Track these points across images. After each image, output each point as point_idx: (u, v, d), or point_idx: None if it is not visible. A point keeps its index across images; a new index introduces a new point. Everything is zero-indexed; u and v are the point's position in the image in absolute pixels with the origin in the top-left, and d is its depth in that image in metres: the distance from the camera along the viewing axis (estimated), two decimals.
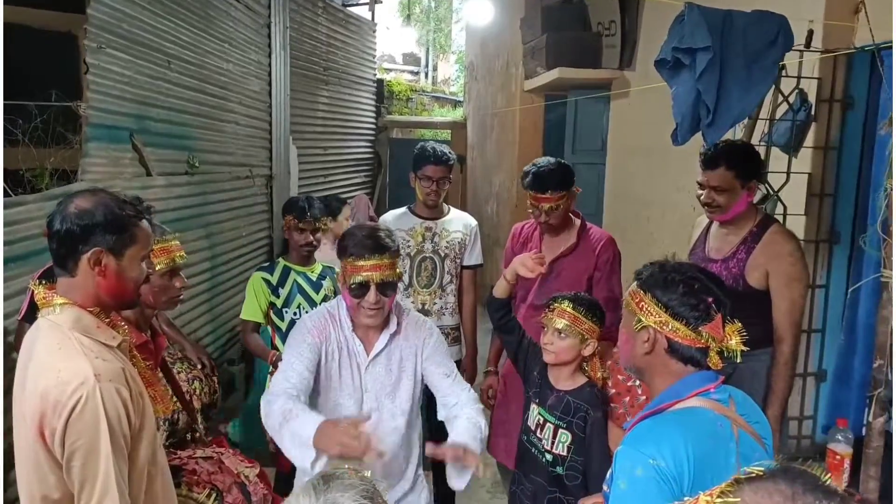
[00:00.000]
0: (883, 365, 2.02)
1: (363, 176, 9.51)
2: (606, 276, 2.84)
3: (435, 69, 18.53)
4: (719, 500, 0.48)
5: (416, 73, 17.62)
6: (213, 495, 2.11)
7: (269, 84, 6.38)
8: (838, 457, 2.23)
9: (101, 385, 1.48)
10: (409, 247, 3.21)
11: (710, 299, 1.52)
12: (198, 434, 2.42)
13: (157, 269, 2.13)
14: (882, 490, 2.06)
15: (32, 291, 1.71)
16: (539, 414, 2.37)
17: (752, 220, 2.49)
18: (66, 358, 1.50)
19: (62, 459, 1.48)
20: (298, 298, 3.19)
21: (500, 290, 2.51)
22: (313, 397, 2.16)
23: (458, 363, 3.33)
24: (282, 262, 3.27)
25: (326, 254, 3.92)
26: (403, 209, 3.37)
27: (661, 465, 1.36)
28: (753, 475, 0.50)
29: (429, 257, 3.20)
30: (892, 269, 1.95)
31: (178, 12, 4.50)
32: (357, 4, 9.82)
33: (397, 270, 2.14)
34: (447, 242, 3.22)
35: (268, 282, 3.17)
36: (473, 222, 3.36)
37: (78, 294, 1.60)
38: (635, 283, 1.62)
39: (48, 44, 4.76)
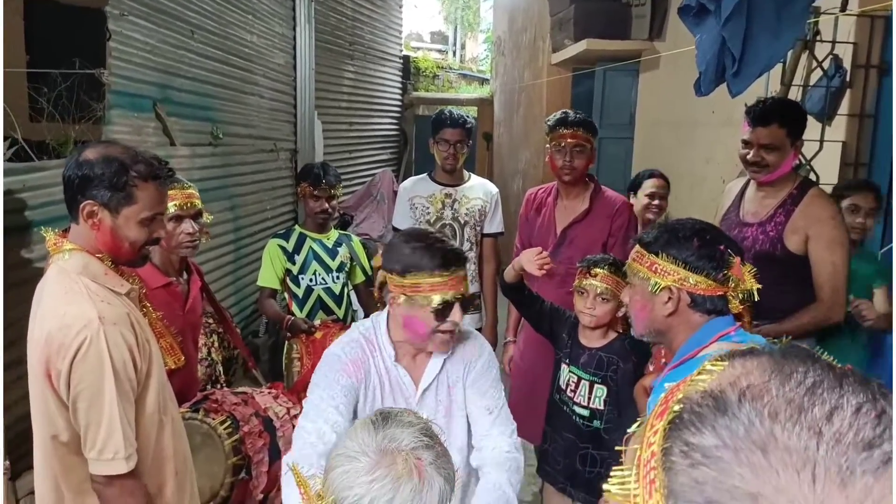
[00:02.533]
0: None
1: (389, 153, 9.49)
2: (621, 241, 2.78)
3: (463, 47, 18.37)
4: (711, 366, 0.45)
5: (444, 52, 17.49)
6: (228, 422, 2.11)
7: (294, 57, 6.36)
8: None
9: (105, 328, 1.48)
10: (428, 213, 3.17)
11: (723, 246, 1.54)
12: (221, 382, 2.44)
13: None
14: None
15: None
16: (571, 373, 2.42)
17: (792, 182, 2.39)
18: (71, 302, 1.50)
19: (68, 401, 1.49)
20: (314, 265, 3.17)
21: (509, 276, 2.47)
22: None
23: (479, 331, 3.30)
24: (297, 229, 3.26)
25: None
26: (423, 175, 3.32)
27: None
28: (747, 350, 0.47)
29: (448, 224, 3.16)
30: None
31: None
32: None
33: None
34: (467, 209, 3.17)
35: (284, 248, 3.16)
36: (494, 189, 3.30)
37: (82, 241, 1.60)
38: (638, 248, 1.62)
39: (73, 15, 4.78)
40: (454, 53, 17.96)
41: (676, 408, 0.44)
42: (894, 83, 3.12)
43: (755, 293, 1.56)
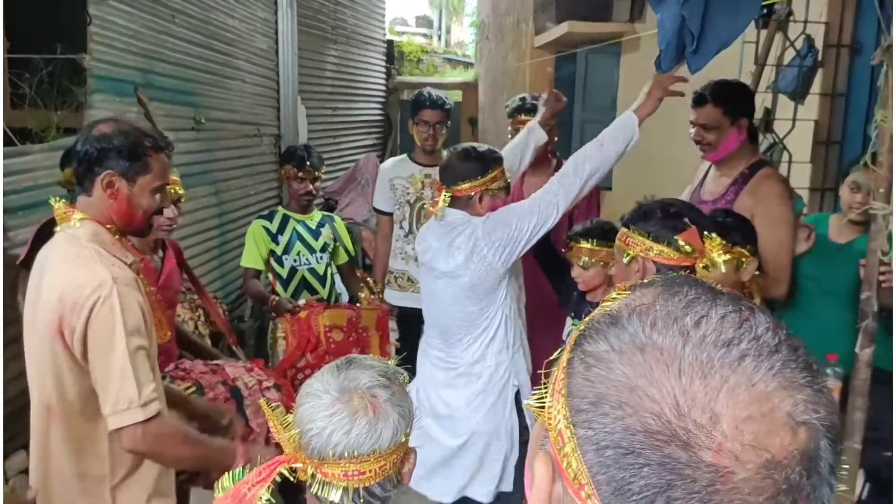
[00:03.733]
0: (870, 297, 2.02)
1: (373, 137, 9.50)
2: (585, 209, 2.88)
3: (448, 32, 18.33)
4: (616, 294, 0.51)
5: (429, 36, 17.46)
6: (194, 388, 2.18)
7: (277, 42, 6.36)
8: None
9: (118, 287, 1.56)
10: (408, 194, 3.22)
11: (685, 218, 1.64)
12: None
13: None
14: (868, 422, 2.07)
15: (33, 238, 1.80)
16: (573, 325, 2.53)
17: (746, 161, 2.47)
18: (83, 265, 1.58)
19: (82, 359, 1.56)
20: (298, 246, 3.22)
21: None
22: None
23: None
24: (281, 210, 3.30)
25: None
26: (403, 156, 3.38)
27: None
28: (647, 280, 0.53)
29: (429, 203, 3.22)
30: (880, 202, 1.94)
31: None
32: None
33: None
34: None
35: (267, 229, 3.21)
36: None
37: (93, 212, 1.68)
38: (621, 226, 1.75)
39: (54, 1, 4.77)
40: (439, 38, 17.93)
41: (582, 327, 0.51)
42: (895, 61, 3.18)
43: (722, 265, 1.65)
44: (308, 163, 3.20)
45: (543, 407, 0.51)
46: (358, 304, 3.27)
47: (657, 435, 0.44)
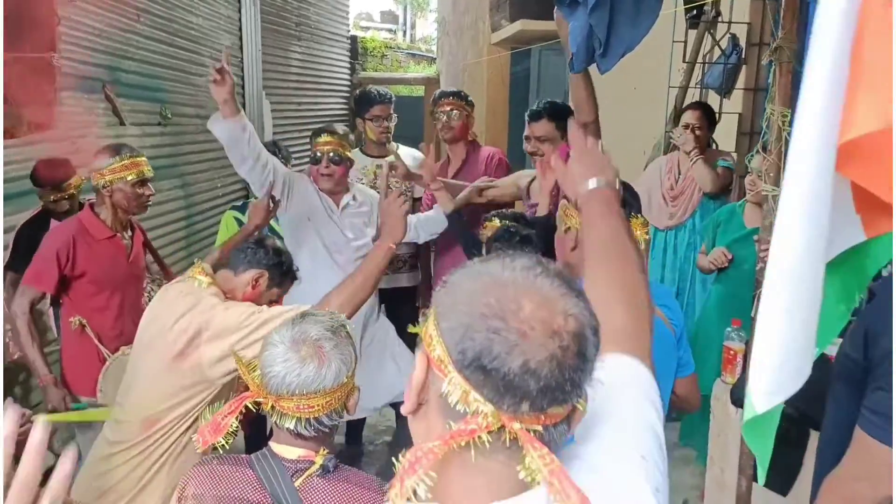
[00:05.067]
0: (762, 268, 2.32)
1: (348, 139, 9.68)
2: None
3: (413, 27, 18.52)
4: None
5: (394, 32, 17.62)
6: None
7: (240, 38, 6.53)
8: (732, 352, 2.54)
9: None
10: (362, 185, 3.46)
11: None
12: None
13: (128, 179, 2.59)
14: None
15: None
16: None
17: None
18: None
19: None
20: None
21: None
22: None
23: (415, 289, 3.62)
24: (254, 201, 3.51)
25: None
26: (355, 150, 3.62)
27: None
28: None
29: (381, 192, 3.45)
30: (770, 184, 2.23)
31: None
32: None
33: None
34: (396, 182, 3.46)
35: (239, 220, 3.42)
36: (420, 155, 3.60)
37: None
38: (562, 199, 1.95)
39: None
40: (405, 34, 18.12)
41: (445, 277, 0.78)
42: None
43: (642, 241, 1.91)
44: (279, 156, 3.42)
45: (425, 330, 0.77)
46: None
47: (486, 317, 0.70)
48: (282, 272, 2.16)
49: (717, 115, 3.71)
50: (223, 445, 1.37)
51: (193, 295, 1.92)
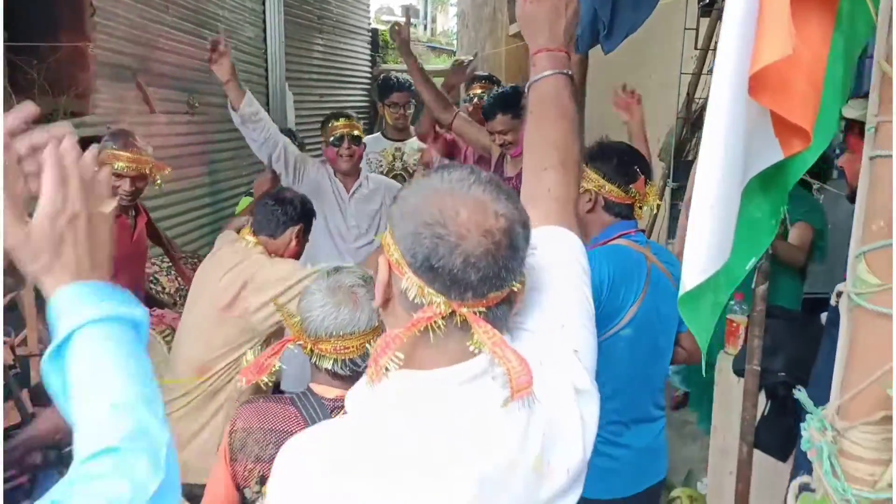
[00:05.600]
0: None
1: (360, 123, 9.83)
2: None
3: (433, 21, 18.63)
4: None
5: (415, 25, 17.73)
6: (168, 332, 2.55)
7: (264, 31, 6.69)
8: (735, 324, 2.66)
9: None
10: (381, 166, 3.64)
11: (636, 167, 1.99)
12: None
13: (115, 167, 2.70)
14: (765, 349, 2.46)
15: None
16: None
17: None
18: None
19: None
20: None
21: None
22: None
23: None
24: (257, 178, 3.71)
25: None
26: (377, 134, 3.80)
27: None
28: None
29: (399, 174, 3.63)
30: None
31: None
32: None
33: None
34: (414, 160, 3.64)
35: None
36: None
37: None
38: None
39: None
40: (425, 27, 18.24)
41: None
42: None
43: (656, 206, 2.04)
44: (294, 143, 3.60)
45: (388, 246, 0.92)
46: None
47: (430, 224, 0.85)
48: (310, 215, 2.37)
49: None
50: (266, 384, 1.52)
51: (240, 253, 2.10)
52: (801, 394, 0.80)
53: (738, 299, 2.65)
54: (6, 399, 1.76)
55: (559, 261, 1.04)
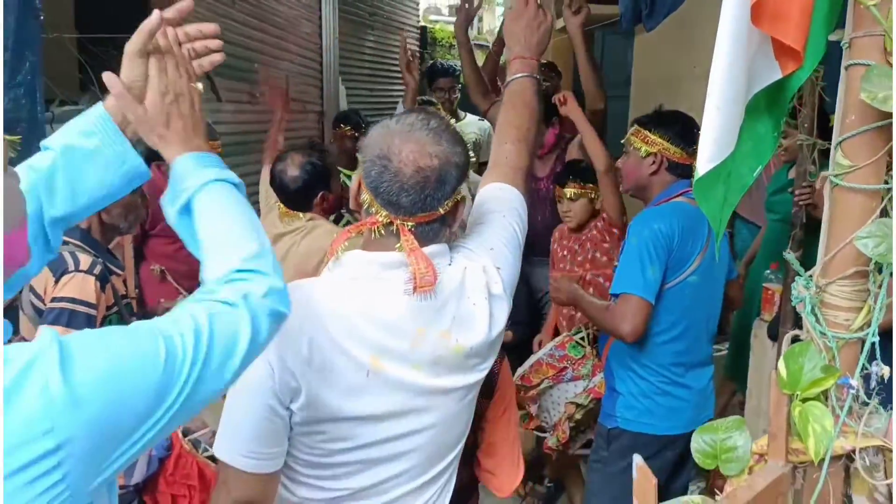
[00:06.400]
0: (797, 211, 2.58)
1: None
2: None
3: (480, 20, 18.83)
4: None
5: None
6: None
7: (320, 27, 7.00)
8: (770, 291, 2.80)
9: None
10: None
11: (696, 130, 2.12)
12: None
13: None
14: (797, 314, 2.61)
15: None
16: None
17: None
18: None
19: None
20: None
21: None
22: None
23: None
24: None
25: None
26: None
27: (660, 229, 2.05)
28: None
29: None
30: (805, 134, 2.48)
31: None
32: None
33: None
34: (468, 139, 3.85)
35: None
36: (486, 125, 3.97)
37: None
38: (636, 127, 2.23)
39: None
40: (472, 26, 18.45)
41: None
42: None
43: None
44: (359, 122, 3.87)
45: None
46: None
47: (380, 157, 1.12)
48: (324, 176, 2.41)
49: None
50: None
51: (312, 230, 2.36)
52: (789, 255, 0.99)
53: (774, 268, 2.80)
54: None
55: (499, 207, 1.37)
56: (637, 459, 0.86)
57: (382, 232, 1.16)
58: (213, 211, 1.00)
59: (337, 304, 1.17)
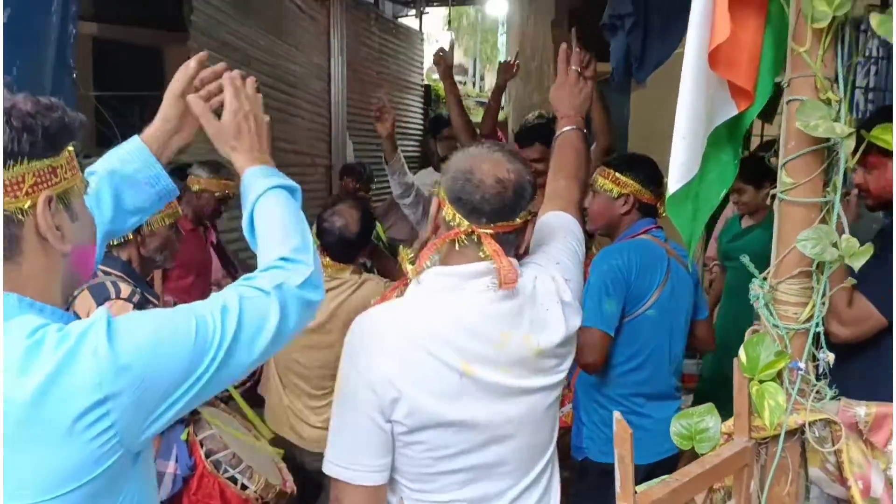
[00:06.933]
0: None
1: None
2: None
3: (482, 78, 19.42)
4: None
5: (464, 83, 18.52)
6: None
7: (329, 85, 7.33)
8: None
9: None
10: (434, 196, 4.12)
11: (661, 174, 2.33)
12: None
13: (216, 193, 3.29)
14: None
15: None
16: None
17: None
18: None
19: None
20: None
21: None
22: None
23: None
24: None
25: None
26: (429, 168, 4.29)
27: (617, 265, 2.21)
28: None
29: None
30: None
31: (256, 20, 5.48)
32: (406, 16, 10.76)
33: None
34: None
35: None
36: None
37: None
38: (606, 168, 2.39)
39: (136, 52, 5.77)
40: (474, 84, 19.02)
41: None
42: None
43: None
44: (363, 175, 4.10)
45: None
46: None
47: (463, 171, 1.28)
48: (369, 231, 2.48)
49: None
50: None
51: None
52: (745, 258, 1.17)
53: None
54: None
55: (559, 231, 1.54)
56: (616, 415, 1.01)
57: (465, 241, 1.28)
58: (267, 214, 1.19)
59: (425, 316, 1.29)
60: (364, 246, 2.48)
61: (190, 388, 0.98)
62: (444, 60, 3.65)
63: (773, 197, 1.13)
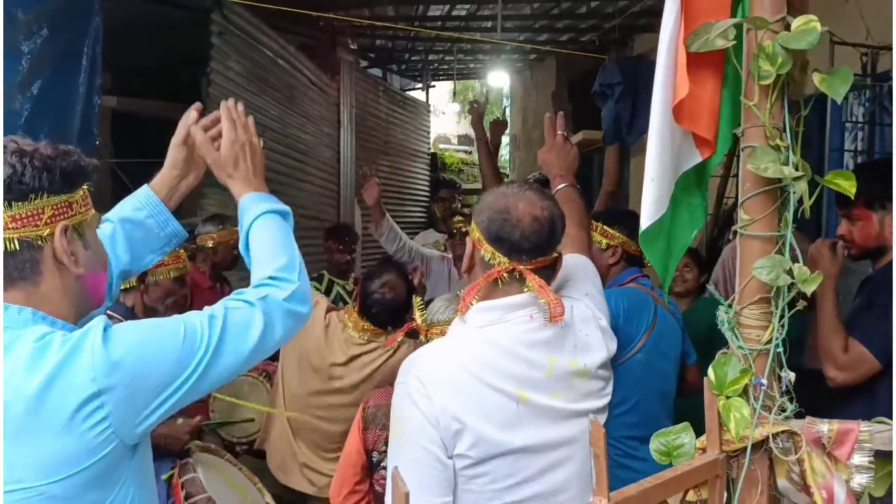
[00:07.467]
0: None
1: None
2: None
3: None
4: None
5: (470, 153, 18.96)
6: (264, 376, 2.97)
7: (338, 153, 7.61)
8: None
9: None
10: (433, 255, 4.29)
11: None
12: None
13: (230, 243, 3.41)
14: None
15: None
16: None
17: None
18: None
19: None
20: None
21: None
22: None
23: None
24: (326, 274, 4.33)
25: None
26: (430, 229, 4.53)
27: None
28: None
29: (447, 259, 4.25)
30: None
31: (269, 92, 5.77)
32: (413, 89, 11.19)
33: None
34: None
35: (317, 289, 4.21)
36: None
37: None
38: (593, 223, 2.50)
39: (156, 125, 6.07)
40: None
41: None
42: None
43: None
44: (347, 239, 4.28)
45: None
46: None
47: (500, 212, 1.39)
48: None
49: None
50: None
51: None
52: (711, 287, 1.29)
53: None
54: None
55: (581, 268, 1.69)
56: (590, 416, 1.12)
57: (507, 278, 1.37)
58: (260, 236, 1.35)
59: (477, 349, 1.36)
60: (408, 311, 2.54)
61: (180, 386, 1.12)
62: (476, 110, 3.90)
63: (735, 233, 1.27)
